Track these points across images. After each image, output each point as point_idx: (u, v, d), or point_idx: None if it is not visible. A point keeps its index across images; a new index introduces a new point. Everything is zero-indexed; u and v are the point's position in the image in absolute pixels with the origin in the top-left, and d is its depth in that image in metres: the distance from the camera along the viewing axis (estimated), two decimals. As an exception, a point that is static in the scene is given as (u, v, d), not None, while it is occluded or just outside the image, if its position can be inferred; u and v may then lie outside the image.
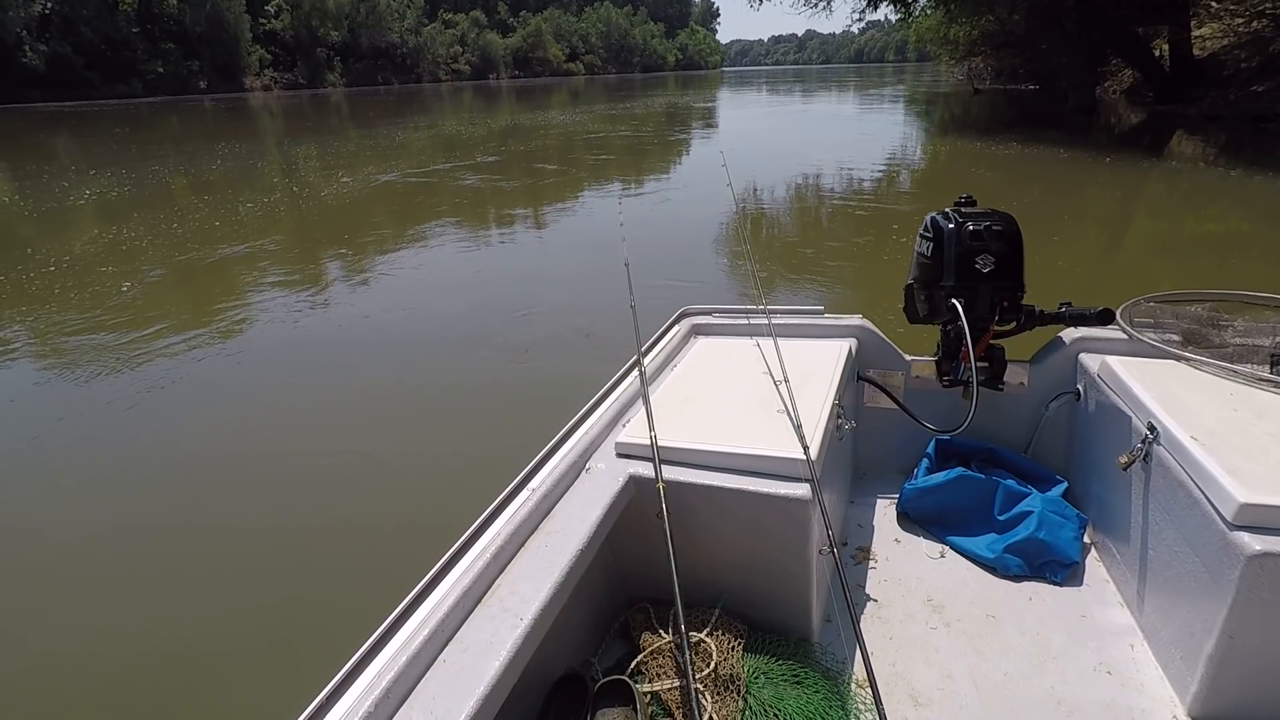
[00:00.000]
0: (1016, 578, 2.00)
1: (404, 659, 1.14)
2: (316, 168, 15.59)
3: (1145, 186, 10.72)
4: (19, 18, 51.66)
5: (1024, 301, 2.07)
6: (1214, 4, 19.48)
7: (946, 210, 2.09)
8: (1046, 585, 1.97)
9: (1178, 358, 1.96)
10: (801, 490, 1.53)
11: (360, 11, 78.33)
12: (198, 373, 4.90)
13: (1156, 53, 20.63)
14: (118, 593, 2.90)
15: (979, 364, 2.06)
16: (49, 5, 54.13)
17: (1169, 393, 1.77)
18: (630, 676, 1.56)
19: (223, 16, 64.02)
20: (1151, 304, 2.22)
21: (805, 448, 1.58)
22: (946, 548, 2.14)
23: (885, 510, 2.32)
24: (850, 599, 1.39)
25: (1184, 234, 8.10)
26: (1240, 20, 18.96)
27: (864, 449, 2.50)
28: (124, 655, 2.59)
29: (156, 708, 2.40)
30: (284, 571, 3.00)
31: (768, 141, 18.75)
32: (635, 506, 1.65)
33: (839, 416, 1.89)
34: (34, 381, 4.95)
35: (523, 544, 1.44)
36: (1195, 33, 19.84)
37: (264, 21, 71.87)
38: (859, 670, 1.69)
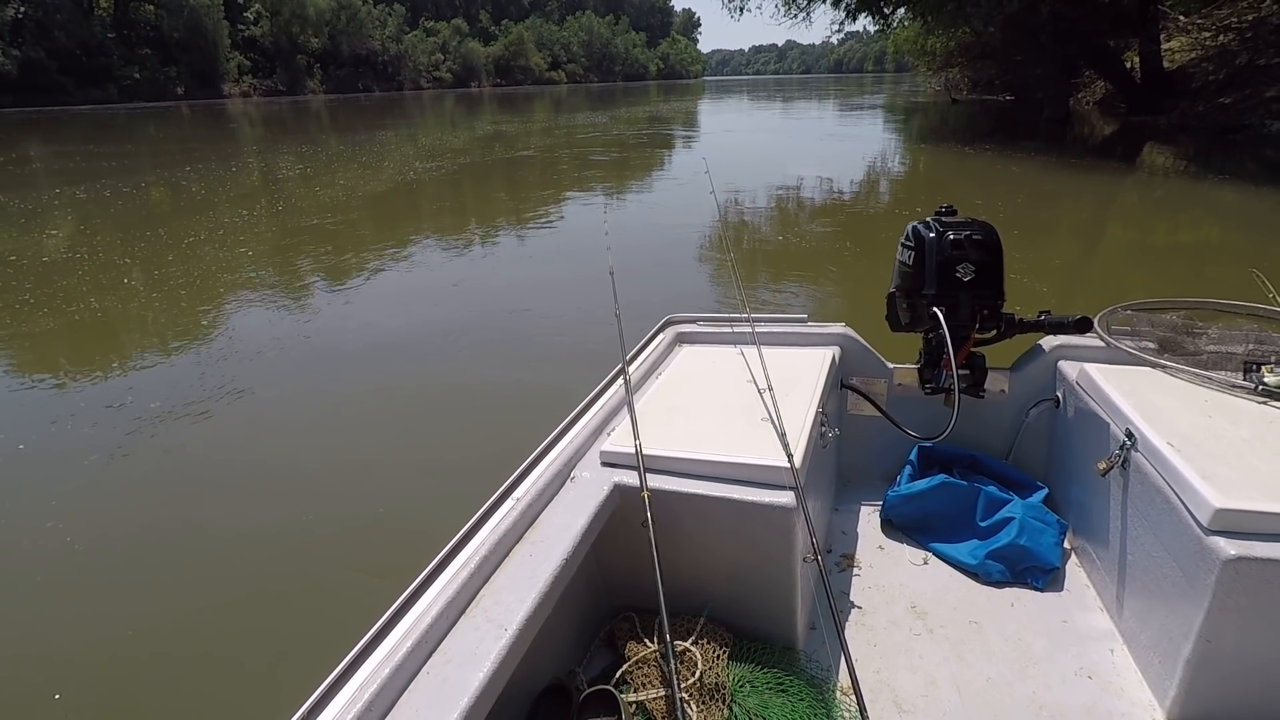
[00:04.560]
0: (998, 584, 2.02)
1: (387, 671, 1.12)
2: (270, 184, 15.46)
3: (1119, 195, 10.92)
4: (-9, 22, 50.95)
5: (1004, 309, 2.10)
6: (1182, 18, 19.96)
7: (928, 220, 2.11)
8: (1028, 591, 1.99)
9: (1154, 365, 1.99)
10: (786, 498, 1.54)
11: (341, 19, 77.92)
12: (170, 379, 4.83)
13: (1128, 65, 21.05)
14: (94, 602, 2.84)
15: (960, 371, 2.08)
16: (21, 10, 53.28)
17: (1146, 400, 1.80)
18: (615, 686, 1.55)
19: (201, 23, 63.33)
20: (1128, 312, 2.26)
21: (789, 455, 1.58)
22: (929, 554, 2.15)
23: (869, 517, 2.34)
24: (834, 606, 1.39)
25: (1157, 242, 8.27)
26: (1208, 34, 19.45)
27: (847, 456, 2.51)
28: (101, 665, 2.53)
29: (131, 725, 2.35)
30: (263, 583, 2.95)
31: (749, 149, 18.90)
32: (620, 515, 1.65)
33: (822, 424, 1.90)
34: (10, 389, 4.86)
35: (507, 554, 1.43)
36: (1165, 46, 20.28)
37: (243, 28, 71.19)
38: (843, 677, 1.70)
